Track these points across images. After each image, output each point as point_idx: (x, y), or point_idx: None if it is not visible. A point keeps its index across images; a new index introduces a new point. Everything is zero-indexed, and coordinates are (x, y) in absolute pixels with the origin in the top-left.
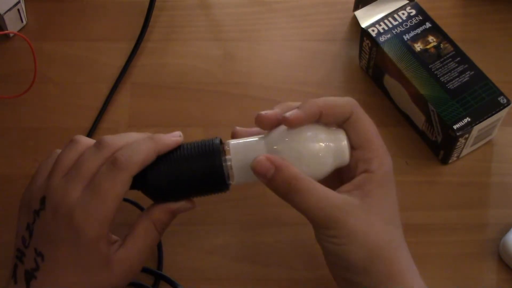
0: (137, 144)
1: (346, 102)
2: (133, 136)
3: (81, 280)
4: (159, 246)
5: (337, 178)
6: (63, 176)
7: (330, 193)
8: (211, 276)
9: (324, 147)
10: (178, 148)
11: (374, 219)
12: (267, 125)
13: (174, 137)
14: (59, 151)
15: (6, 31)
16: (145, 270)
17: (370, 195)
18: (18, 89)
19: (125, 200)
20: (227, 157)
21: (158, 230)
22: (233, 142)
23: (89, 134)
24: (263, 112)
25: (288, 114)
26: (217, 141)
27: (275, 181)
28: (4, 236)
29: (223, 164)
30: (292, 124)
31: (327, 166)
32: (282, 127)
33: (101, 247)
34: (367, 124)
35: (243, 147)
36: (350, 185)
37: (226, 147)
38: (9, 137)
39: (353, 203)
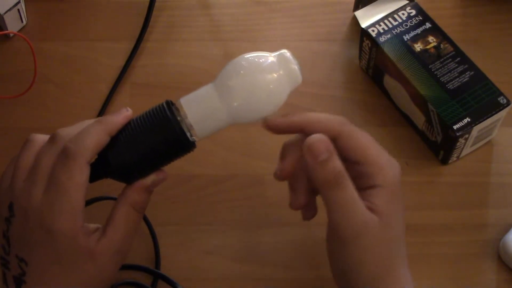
0: (86, 130)
1: (331, 121)
2: (85, 123)
3: (69, 278)
4: (156, 246)
5: None
6: (25, 179)
7: (359, 200)
8: (210, 276)
9: (277, 76)
10: (131, 122)
11: (386, 240)
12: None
13: (122, 114)
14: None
15: (6, 31)
16: (143, 269)
17: (384, 213)
18: (18, 89)
19: (109, 198)
20: (182, 114)
21: (138, 211)
22: (183, 99)
23: None
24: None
25: (269, 119)
26: (168, 103)
27: (326, 166)
28: None
29: (180, 123)
30: (269, 129)
31: (284, 93)
32: (228, 65)
33: (79, 241)
34: (361, 140)
35: (195, 99)
36: (365, 202)
37: (178, 105)
38: (9, 137)
39: (372, 219)
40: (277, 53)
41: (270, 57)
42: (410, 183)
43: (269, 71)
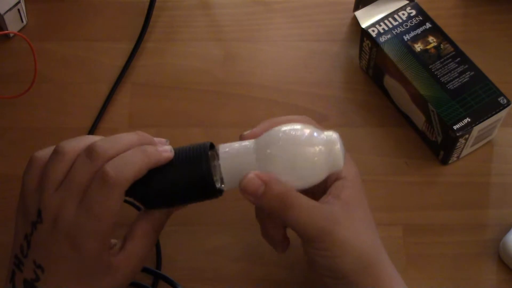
0: (130, 159)
1: (297, 120)
2: (124, 140)
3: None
4: (157, 246)
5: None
6: (56, 190)
7: (317, 205)
8: (210, 276)
9: (319, 151)
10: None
11: (358, 226)
12: None
13: (166, 153)
14: (39, 154)
15: (6, 31)
16: (144, 269)
17: (348, 203)
18: (18, 89)
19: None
20: (217, 162)
21: (156, 230)
22: (222, 146)
23: (89, 134)
24: (245, 133)
25: (245, 133)
26: (206, 146)
27: (266, 197)
28: (4, 236)
29: (211, 170)
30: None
31: (322, 171)
32: (274, 130)
33: (103, 258)
34: None
35: (233, 152)
36: (328, 196)
37: (217, 152)
38: (9, 137)
39: (338, 213)
40: (326, 132)
41: (315, 132)
42: (410, 183)
43: (312, 144)
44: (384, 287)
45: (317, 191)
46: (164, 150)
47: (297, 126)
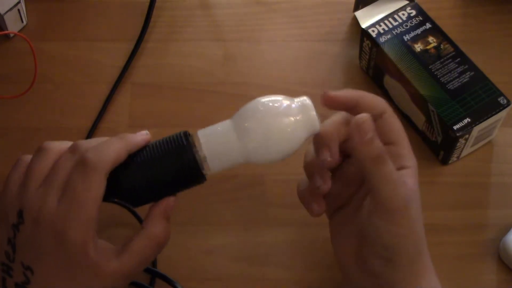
0: (107, 143)
1: (380, 100)
2: (104, 139)
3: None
4: None
5: (353, 174)
6: (38, 187)
7: (403, 179)
8: (210, 276)
9: (295, 120)
10: (147, 147)
11: (419, 214)
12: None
13: (142, 136)
14: (25, 157)
15: (6, 31)
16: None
17: (414, 190)
18: (18, 89)
19: (114, 202)
20: (198, 145)
21: (157, 245)
22: (201, 131)
23: (89, 134)
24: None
25: (330, 91)
26: (186, 133)
27: (371, 144)
28: None
29: (196, 156)
30: (328, 101)
31: (300, 138)
32: (247, 106)
33: (89, 252)
34: (398, 124)
35: (213, 133)
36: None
37: (195, 137)
38: (9, 137)
39: (415, 193)
40: (298, 99)
41: (289, 102)
42: None
43: (287, 115)
44: (428, 278)
45: (352, 179)
46: (140, 134)
47: (271, 98)
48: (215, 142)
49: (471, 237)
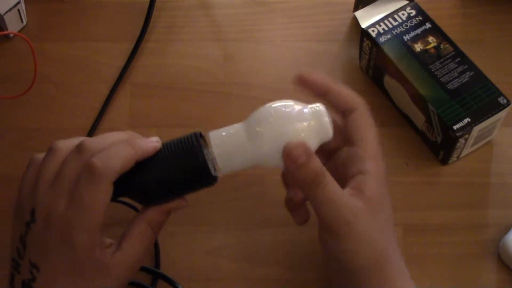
0: (115, 150)
1: (354, 97)
2: (112, 137)
3: (79, 287)
4: (156, 245)
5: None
6: (48, 187)
7: (344, 193)
8: (210, 276)
9: (307, 126)
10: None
11: (378, 224)
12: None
13: (152, 143)
14: (38, 156)
15: (6, 32)
16: (143, 269)
17: (372, 199)
18: (18, 89)
19: (117, 201)
20: (210, 149)
21: (154, 230)
22: (213, 133)
23: (89, 134)
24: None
25: (304, 71)
26: (197, 136)
27: (304, 168)
28: (4, 236)
29: (206, 158)
30: (300, 80)
31: (312, 144)
32: (260, 109)
33: (96, 254)
34: (368, 125)
35: (224, 137)
36: (351, 189)
37: (207, 138)
38: (9, 137)
39: (360, 207)
40: (312, 105)
41: (302, 107)
42: (410, 183)
43: (301, 120)
44: (399, 285)
45: (342, 179)
46: (151, 141)
47: (283, 103)
48: (227, 144)
49: (471, 237)
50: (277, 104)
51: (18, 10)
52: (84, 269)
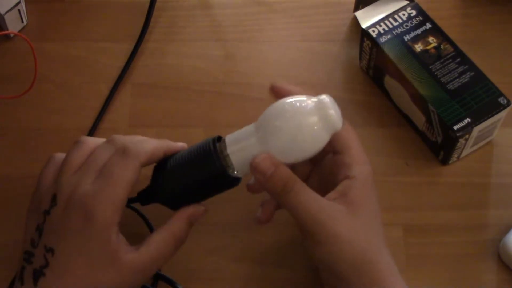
0: (146, 139)
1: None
2: (142, 137)
3: (88, 275)
4: None
5: (318, 184)
6: (74, 173)
7: (318, 198)
8: (210, 276)
9: (318, 119)
10: (181, 152)
11: (359, 226)
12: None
13: (181, 144)
14: (58, 155)
15: (6, 31)
16: None
17: (354, 202)
18: (18, 89)
19: (130, 207)
20: (227, 152)
21: (176, 240)
22: (228, 137)
23: (89, 134)
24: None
25: (277, 82)
26: (214, 139)
27: (273, 179)
28: (4, 236)
29: (225, 163)
30: (274, 90)
31: (324, 137)
32: (273, 105)
33: (111, 236)
34: (352, 135)
35: (237, 139)
36: (335, 193)
37: (224, 142)
38: (9, 137)
39: (339, 209)
40: (317, 97)
41: (309, 101)
42: (410, 183)
43: (311, 114)
44: (390, 284)
45: (330, 186)
46: (180, 143)
47: (293, 98)
48: (241, 146)
49: (471, 237)
50: (289, 99)
51: (19, 10)
52: (98, 257)
